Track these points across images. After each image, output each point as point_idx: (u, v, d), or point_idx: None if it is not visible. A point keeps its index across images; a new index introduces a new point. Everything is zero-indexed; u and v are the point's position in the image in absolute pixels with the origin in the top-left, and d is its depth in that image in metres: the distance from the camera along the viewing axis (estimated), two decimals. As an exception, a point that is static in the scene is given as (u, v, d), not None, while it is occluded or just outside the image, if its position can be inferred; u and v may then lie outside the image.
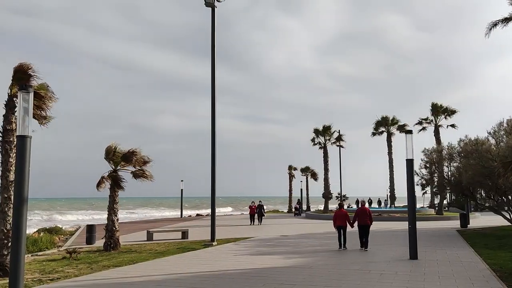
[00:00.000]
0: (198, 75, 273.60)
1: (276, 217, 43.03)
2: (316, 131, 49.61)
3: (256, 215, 32.14)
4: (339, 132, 50.55)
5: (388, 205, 52.41)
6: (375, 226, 27.44)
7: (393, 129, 50.03)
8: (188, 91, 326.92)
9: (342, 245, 16.27)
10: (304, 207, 57.30)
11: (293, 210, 47.92)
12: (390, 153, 49.22)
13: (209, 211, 60.61)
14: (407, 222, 14.26)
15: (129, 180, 18.56)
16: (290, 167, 58.94)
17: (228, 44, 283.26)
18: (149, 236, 21.36)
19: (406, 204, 16.20)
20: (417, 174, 27.66)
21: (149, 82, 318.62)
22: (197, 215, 54.90)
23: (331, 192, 49.32)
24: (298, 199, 53.09)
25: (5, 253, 11.61)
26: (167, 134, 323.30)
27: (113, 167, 18.32)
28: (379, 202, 59.06)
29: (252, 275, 11.10)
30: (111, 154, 18.32)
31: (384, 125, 50.28)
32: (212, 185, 19.62)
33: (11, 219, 11.52)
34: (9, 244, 11.45)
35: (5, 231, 11.69)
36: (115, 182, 18.03)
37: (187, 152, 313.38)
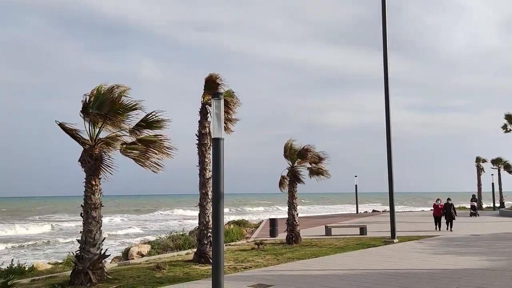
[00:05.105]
0: (365, 68, 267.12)
1: (461, 215, 38.96)
2: (508, 117, 43.44)
3: (443, 217, 23.41)
4: (537, 116, 43.32)
5: None
6: None
7: None
8: (354, 85, 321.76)
9: None
10: (487, 203, 50.63)
11: (470, 208, 39.75)
12: None
13: (384, 207, 58.77)
14: None
15: (304, 176, 19.26)
16: (478, 159, 52.71)
17: (399, 31, 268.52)
18: (327, 231, 21.73)
19: None
20: None
21: (315, 80, 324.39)
22: (373, 211, 53.59)
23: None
24: (473, 195, 45.29)
25: (205, 242, 13.20)
26: (336, 130, 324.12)
27: (291, 164, 19.17)
28: None
29: (443, 275, 10.32)
30: (287, 151, 19.22)
31: None
32: (390, 181, 18.86)
33: (209, 212, 13.09)
34: (208, 234, 13.03)
35: (205, 222, 13.29)
36: (295, 176, 18.85)
37: (357, 147, 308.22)
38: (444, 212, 23.37)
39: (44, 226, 41.33)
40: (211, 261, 9.80)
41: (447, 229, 22.55)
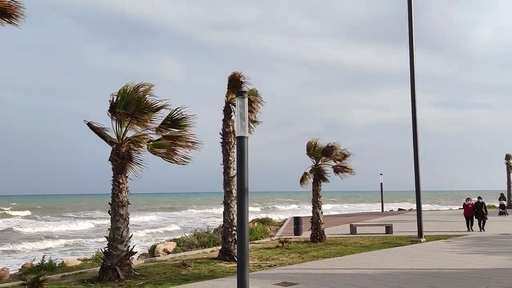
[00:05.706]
0: (389, 64, 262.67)
1: (490, 214, 37.73)
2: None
3: (474, 217, 22.30)
4: None
5: None
6: None
7: None
8: (379, 82, 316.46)
9: None
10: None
11: (498, 207, 37.89)
12: None
13: (411, 205, 57.71)
14: None
15: (329, 174, 19.11)
16: (507, 157, 51.16)
17: (424, 26, 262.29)
18: (353, 230, 21.52)
19: None
20: None
21: (338, 77, 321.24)
22: (399, 209, 52.79)
23: None
24: (501, 193, 43.53)
25: (230, 240, 13.27)
26: (360, 127, 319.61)
27: (315, 162, 19.06)
28: None
29: (472, 275, 10.09)
30: (311, 149, 19.11)
31: None
32: (416, 179, 18.48)
33: (233, 210, 13.17)
34: (233, 232, 13.10)
35: (229, 220, 13.37)
36: (319, 175, 18.73)
37: (382, 145, 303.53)
38: (476, 211, 22.33)
39: (78, 223, 42.24)
40: (235, 258, 9.88)
41: (480, 230, 21.56)
